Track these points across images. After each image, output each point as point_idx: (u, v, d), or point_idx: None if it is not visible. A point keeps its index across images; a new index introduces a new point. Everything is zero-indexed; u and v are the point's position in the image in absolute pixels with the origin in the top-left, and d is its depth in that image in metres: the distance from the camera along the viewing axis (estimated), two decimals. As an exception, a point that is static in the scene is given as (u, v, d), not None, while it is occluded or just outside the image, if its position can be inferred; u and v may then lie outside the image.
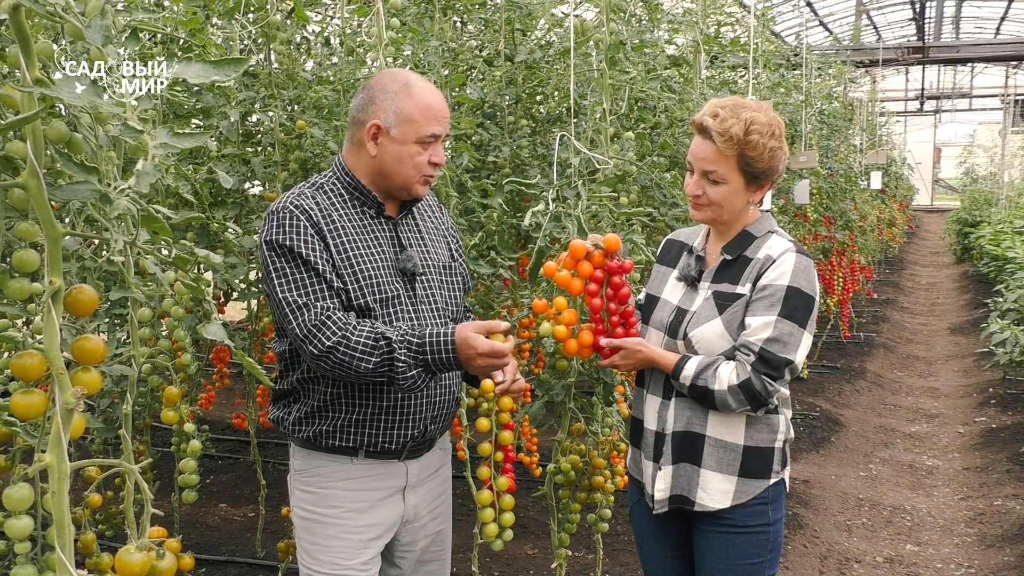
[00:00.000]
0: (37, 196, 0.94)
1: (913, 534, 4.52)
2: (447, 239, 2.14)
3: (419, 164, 1.93)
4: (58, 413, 0.96)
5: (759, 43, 6.01)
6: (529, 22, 4.09)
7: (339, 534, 1.95)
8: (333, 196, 1.96)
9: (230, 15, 2.84)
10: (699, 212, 2.07)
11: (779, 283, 1.97)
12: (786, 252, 2.01)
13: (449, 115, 1.97)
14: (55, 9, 0.93)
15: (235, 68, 1.02)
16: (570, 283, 2.08)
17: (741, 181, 2.00)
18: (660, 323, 2.13)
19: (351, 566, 1.94)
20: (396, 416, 1.93)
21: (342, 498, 1.95)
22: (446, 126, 1.95)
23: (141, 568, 1.16)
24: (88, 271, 2.26)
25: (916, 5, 17.40)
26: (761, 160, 1.98)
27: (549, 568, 3.82)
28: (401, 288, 1.94)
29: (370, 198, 1.96)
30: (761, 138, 1.96)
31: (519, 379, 2.00)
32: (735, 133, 1.94)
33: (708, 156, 1.99)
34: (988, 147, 25.98)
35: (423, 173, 1.94)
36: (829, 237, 7.46)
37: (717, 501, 2.04)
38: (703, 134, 2.00)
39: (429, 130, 1.91)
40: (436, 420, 2.01)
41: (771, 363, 1.94)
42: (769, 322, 1.95)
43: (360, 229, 1.94)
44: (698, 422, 2.04)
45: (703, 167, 2.01)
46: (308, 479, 1.99)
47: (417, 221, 2.07)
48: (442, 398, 2.01)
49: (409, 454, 2.01)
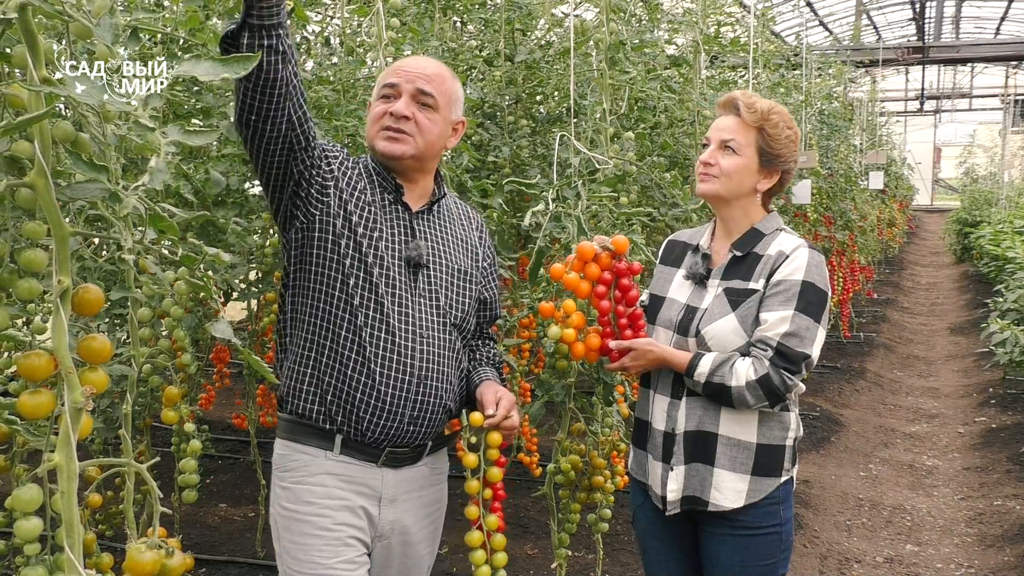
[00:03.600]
0: (45, 195, 0.94)
1: (913, 534, 4.53)
2: (475, 255, 2.09)
3: (375, 116, 1.93)
4: (67, 413, 0.96)
5: (759, 43, 6.02)
6: (529, 22, 4.09)
7: (316, 531, 1.88)
8: (364, 173, 1.98)
9: (230, 15, 2.84)
10: (705, 183, 2.09)
11: (794, 278, 1.98)
12: (799, 248, 2.03)
13: (424, 74, 1.93)
14: (64, 8, 0.93)
15: (244, 66, 1.02)
16: (578, 286, 2.05)
17: (756, 158, 2.07)
18: (669, 322, 2.11)
19: (332, 565, 1.86)
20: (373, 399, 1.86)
21: (317, 494, 1.88)
22: (410, 79, 1.92)
23: (152, 566, 1.16)
24: (88, 271, 2.27)
25: (916, 5, 17.42)
26: (778, 142, 2.06)
27: (549, 568, 3.82)
28: (403, 276, 1.92)
29: (388, 180, 1.96)
30: (781, 121, 2.08)
31: (513, 416, 1.91)
32: (761, 108, 2.06)
33: (729, 126, 2.08)
34: (988, 147, 26.01)
35: (381, 126, 1.92)
36: (829, 237, 7.46)
37: (731, 501, 2.02)
38: (728, 108, 2.10)
39: (385, 81, 1.92)
40: (416, 421, 1.92)
41: (789, 357, 1.94)
42: (786, 317, 1.95)
43: (376, 209, 1.94)
44: (710, 421, 2.03)
45: (722, 136, 2.08)
46: (284, 473, 1.94)
47: (443, 222, 2.04)
48: (426, 398, 1.92)
49: (387, 460, 1.92)
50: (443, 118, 1.97)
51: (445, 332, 1.96)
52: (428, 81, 1.93)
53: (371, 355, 1.87)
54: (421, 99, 1.92)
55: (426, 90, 1.92)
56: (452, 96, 1.99)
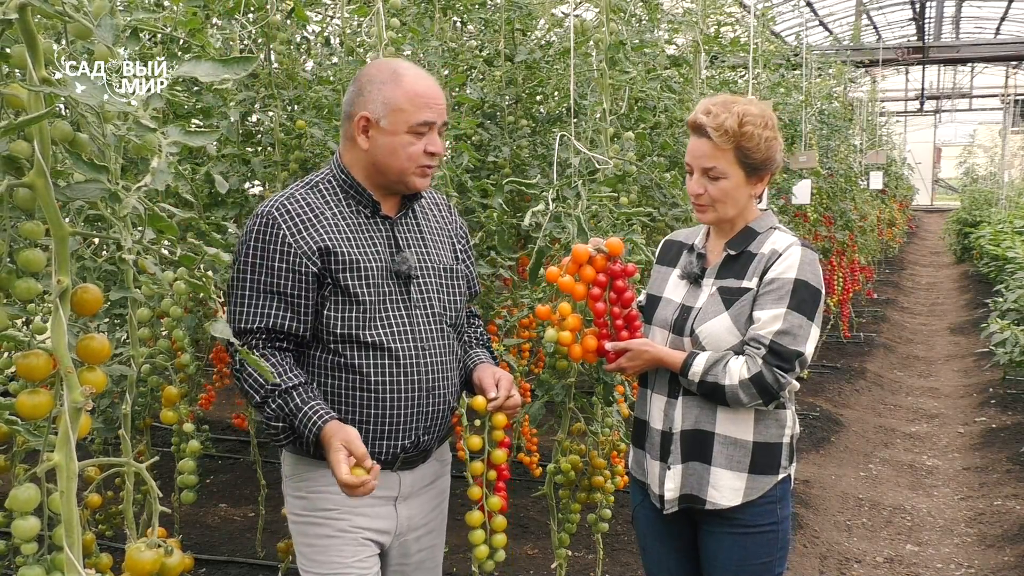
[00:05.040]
0: (44, 196, 0.94)
1: (913, 534, 4.53)
2: (452, 240, 2.07)
3: (413, 155, 1.85)
4: (66, 412, 0.96)
5: (759, 43, 6.02)
6: (529, 22, 4.09)
7: (334, 532, 1.91)
8: (327, 195, 1.89)
9: (230, 15, 2.84)
10: (703, 214, 2.07)
11: (786, 276, 1.98)
12: (792, 246, 2.03)
13: (444, 102, 1.89)
14: (63, 8, 0.93)
15: (244, 66, 1.03)
16: (573, 288, 2.06)
17: (741, 175, 2.02)
18: (664, 321, 2.12)
19: (349, 564, 1.90)
20: (386, 426, 1.88)
21: (334, 500, 1.90)
22: (441, 113, 1.86)
23: (152, 565, 1.16)
24: (88, 271, 2.27)
25: (916, 5, 17.41)
26: (758, 151, 2.01)
27: (549, 568, 3.82)
28: (395, 290, 1.89)
29: (365, 196, 1.90)
30: (755, 128, 1.99)
31: (514, 395, 1.94)
32: (730, 126, 1.97)
33: (706, 152, 2.01)
34: (988, 147, 26.01)
35: (419, 164, 1.86)
36: (829, 237, 7.46)
37: (728, 499, 2.03)
38: (698, 132, 2.03)
39: (420, 117, 1.83)
40: (429, 431, 1.95)
41: (782, 355, 1.95)
42: (778, 315, 1.95)
43: (354, 228, 1.88)
44: (707, 420, 2.03)
45: (702, 164, 2.02)
46: (298, 484, 1.94)
47: (419, 220, 2.00)
48: (435, 407, 1.94)
49: (403, 465, 1.95)
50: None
51: (443, 337, 1.97)
52: (444, 111, 1.90)
53: (377, 385, 1.87)
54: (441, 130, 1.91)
55: (447, 122, 1.93)
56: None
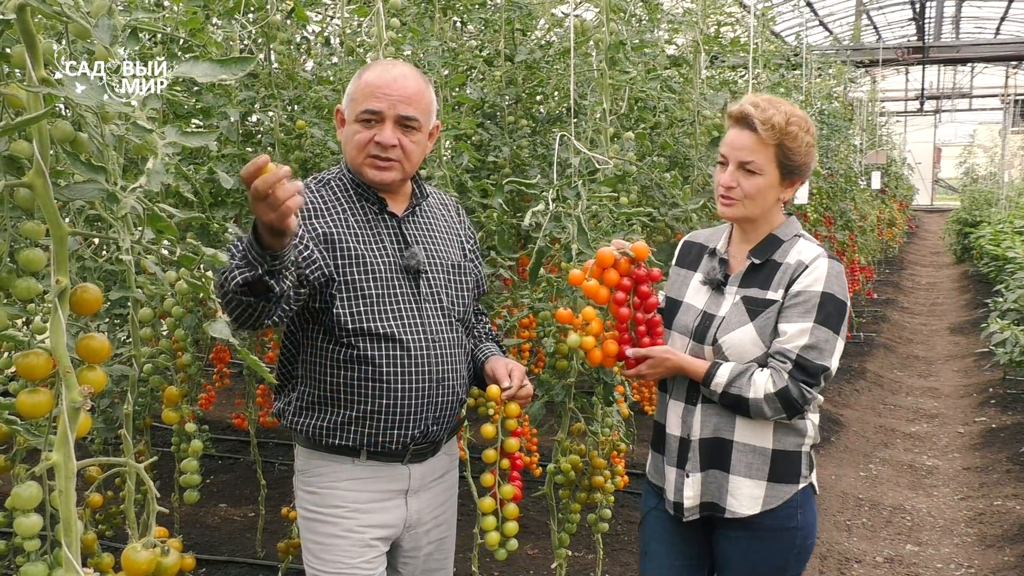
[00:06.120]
0: (44, 195, 0.94)
1: (913, 534, 4.53)
2: (461, 240, 2.11)
3: (359, 143, 1.88)
4: (65, 412, 0.96)
5: (759, 43, 6.02)
6: (529, 22, 4.09)
7: (342, 532, 1.94)
8: (339, 191, 1.95)
9: (230, 15, 2.84)
10: (730, 208, 2.02)
11: (813, 289, 1.94)
12: (818, 257, 1.98)
13: (405, 94, 1.87)
14: (63, 8, 0.93)
15: (242, 67, 1.03)
16: (597, 292, 2.01)
17: (776, 174, 1.99)
18: (685, 327, 2.08)
19: (355, 565, 1.93)
20: (396, 415, 1.91)
21: (344, 498, 1.94)
22: (394, 104, 1.86)
23: (148, 565, 1.16)
24: (88, 271, 2.27)
25: (916, 5, 17.42)
26: (798, 153, 1.98)
27: (549, 568, 3.82)
28: (404, 284, 1.92)
29: (370, 193, 1.94)
30: (800, 131, 1.97)
31: (527, 384, 1.98)
32: (777, 122, 1.95)
33: (747, 145, 1.97)
34: (988, 147, 26.01)
35: (368, 154, 1.88)
36: (829, 237, 7.46)
37: (747, 507, 2.00)
38: (742, 124, 1.98)
39: (365, 106, 1.86)
40: (438, 421, 1.98)
41: (808, 370, 1.91)
42: (805, 329, 1.92)
43: (363, 224, 1.92)
44: (726, 428, 2.00)
45: (741, 157, 1.98)
46: (310, 479, 1.98)
47: (428, 219, 2.04)
48: (444, 398, 1.97)
49: (412, 457, 1.98)
50: (424, 134, 1.96)
51: (452, 331, 2.00)
52: (409, 104, 1.88)
53: (388, 377, 1.90)
54: (404, 123, 1.89)
55: (409, 115, 1.89)
56: (430, 108, 1.96)
